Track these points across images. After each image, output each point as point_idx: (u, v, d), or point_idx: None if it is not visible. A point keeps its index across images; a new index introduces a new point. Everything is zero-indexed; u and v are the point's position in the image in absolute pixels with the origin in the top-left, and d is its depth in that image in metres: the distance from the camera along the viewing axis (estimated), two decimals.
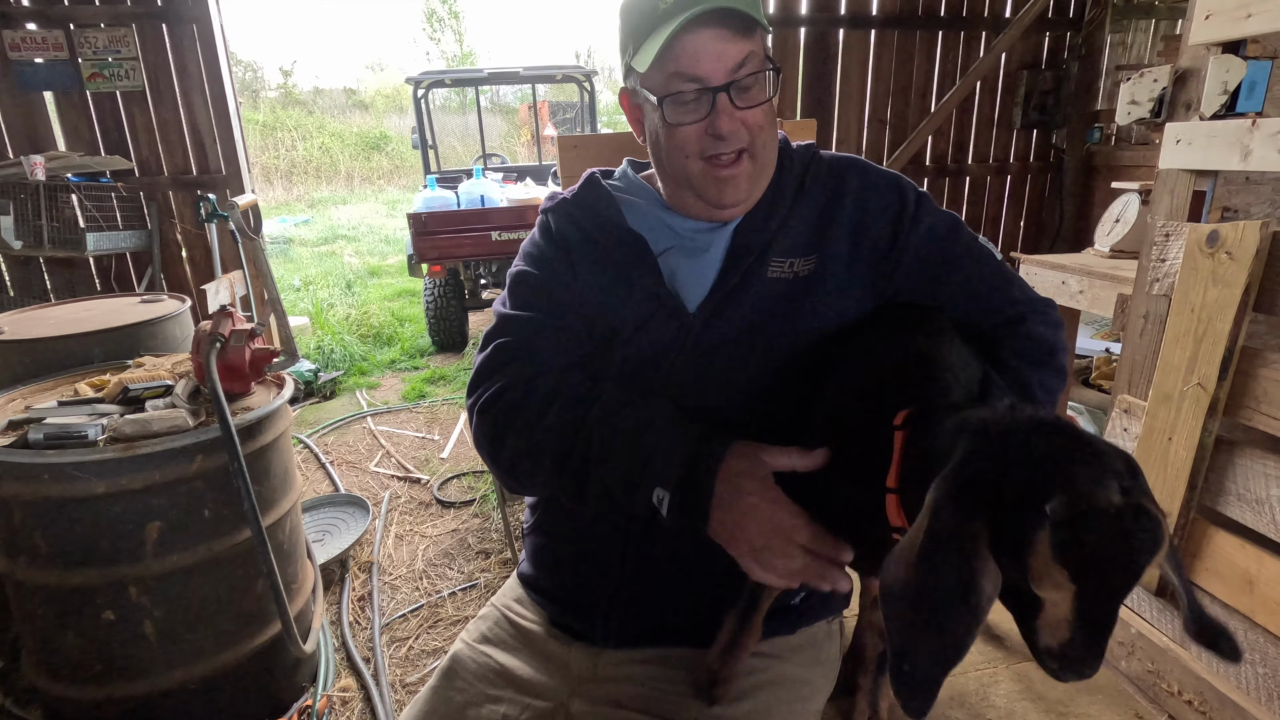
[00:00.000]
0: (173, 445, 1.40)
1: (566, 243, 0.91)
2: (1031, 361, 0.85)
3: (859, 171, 0.89)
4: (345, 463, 3.20)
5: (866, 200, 0.86)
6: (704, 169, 0.82)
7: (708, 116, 0.79)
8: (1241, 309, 1.27)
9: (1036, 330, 0.87)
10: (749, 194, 0.85)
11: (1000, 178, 4.93)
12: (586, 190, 0.94)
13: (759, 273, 0.84)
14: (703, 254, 0.87)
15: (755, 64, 0.79)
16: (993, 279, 0.87)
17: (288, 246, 9.18)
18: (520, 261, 0.94)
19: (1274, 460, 1.28)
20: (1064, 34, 4.64)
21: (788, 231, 0.85)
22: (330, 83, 26.41)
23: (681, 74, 0.78)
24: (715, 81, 0.77)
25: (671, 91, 0.79)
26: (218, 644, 1.56)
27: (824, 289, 0.83)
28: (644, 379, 0.84)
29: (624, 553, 0.85)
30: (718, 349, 0.83)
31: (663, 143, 0.83)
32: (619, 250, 0.88)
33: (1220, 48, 1.36)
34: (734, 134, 0.79)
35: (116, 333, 1.97)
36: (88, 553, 1.40)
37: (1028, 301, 0.89)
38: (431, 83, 5.43)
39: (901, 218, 0.85)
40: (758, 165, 0.83)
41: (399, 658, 1.96)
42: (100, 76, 3.72)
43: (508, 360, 0.84)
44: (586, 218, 0.91)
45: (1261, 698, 1.30)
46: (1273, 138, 1.25)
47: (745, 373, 0.83)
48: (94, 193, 3.69)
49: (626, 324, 0.85)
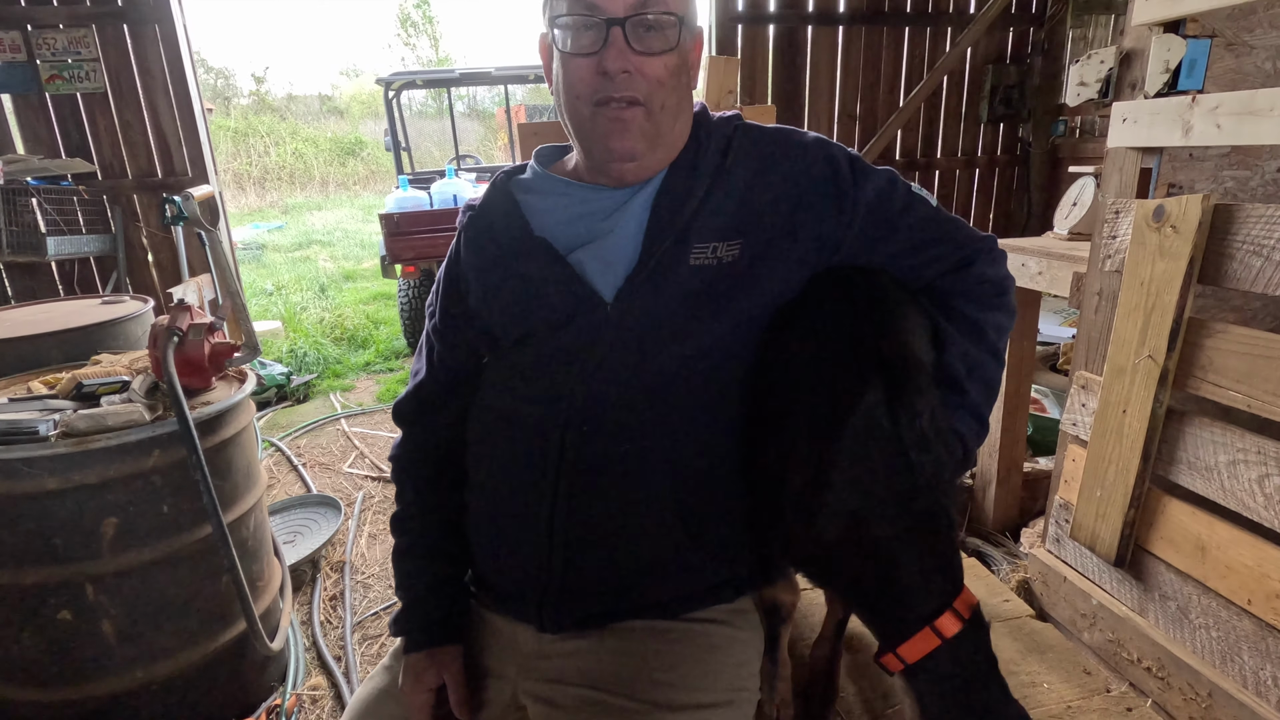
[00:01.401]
0: (128, 439, 1.37)
1: (473, 256, 0.91)
2: (983, 305, 0.86)
3: (785, 144, 0.84)
4: (318, 464, 3.16)
5: (798, 176, 0.82)
6: (594, 115, 0.78)
7: (600, 51, 0.75)
8: (1187, 281, 1.30)
9: (986, 271, 0.87)
10: (640, 152, 0.79)
11: (969, 170, 5.00)
12: (491, 199, 0.92)
13: (681, 258, 0.80)
14: (613, 233, 0.83)
15: (662, 9, 0.75)
16: (936, 228, 0.86)
17: (261, 252, 9.07)
18: (442, 266, 0.97)
19: (1220, 428, 1.31)
20: (1027, 29, 4.73)
21: (709, 212, 0.81)
22: (304, 89, 26.18)
23: (581, 0, 0.74)
24: (612, 12, 0.74)
25: (568, 14, 0.75)
26: (180, 642, 1.53)
27: (751, 276, 0.80)
28: (567, 373, 0.82)
29: (552, 540, 0.83)
30: (640, 339, 0.80)
31: (560, 83, 0.80)
32: (526, 259, 0.86)
33: (1161, 27, 1.39)
34: (624, 78, 0.75)
35: (75, 333, 1.94)
36: (41, 551, 1.37)
37: (972, 241, 0.88)
38: (403, 84, 5.40)
39: (841, 188, 0.82)
40: (654, 125, 0.78)
41: (371, 655, 1.94)
42: (60, 78, 3.65)
43: (413, 376, 0.99)
44: (488, 232, 0.90)
45: (1215, 660, 1.33)
46: (1211, 113, 1.28)
47: (671, 363, 0.80)
48: (55, 196, 3.61)
49: (542, 325, 0.84)
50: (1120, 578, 1.53)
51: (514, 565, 0.87)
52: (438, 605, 0.91)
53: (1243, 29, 1.48)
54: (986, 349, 0.86)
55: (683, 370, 0.81)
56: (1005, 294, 0.88)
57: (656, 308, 0.80)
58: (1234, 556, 1.29)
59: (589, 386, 0.81)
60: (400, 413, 0.99)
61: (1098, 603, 1.56)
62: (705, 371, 0.82)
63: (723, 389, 0.83)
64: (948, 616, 0.64)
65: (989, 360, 0.86)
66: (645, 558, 0.83)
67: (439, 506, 0.95)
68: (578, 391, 0.81)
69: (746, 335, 0.82)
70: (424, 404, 0.97)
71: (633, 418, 0.81)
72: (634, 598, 0.85)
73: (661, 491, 0.82)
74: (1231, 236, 1.25)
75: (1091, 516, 1.55)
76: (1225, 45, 1.49)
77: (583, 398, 0.81)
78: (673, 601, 0.85)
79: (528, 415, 0.84)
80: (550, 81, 0.84)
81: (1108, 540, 1.51)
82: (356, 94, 20.63)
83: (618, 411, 0.81)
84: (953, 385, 0.83)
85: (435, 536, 0.94)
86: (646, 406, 0.81)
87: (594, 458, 0.81)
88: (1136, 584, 1.49)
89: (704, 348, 0.81)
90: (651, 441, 0.81)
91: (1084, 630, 1.60)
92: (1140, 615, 1.49)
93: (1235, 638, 1.29)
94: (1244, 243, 1.23)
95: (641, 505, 0.82)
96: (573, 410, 0.81)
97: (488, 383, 0.92)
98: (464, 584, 0.96)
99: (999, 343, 0.88)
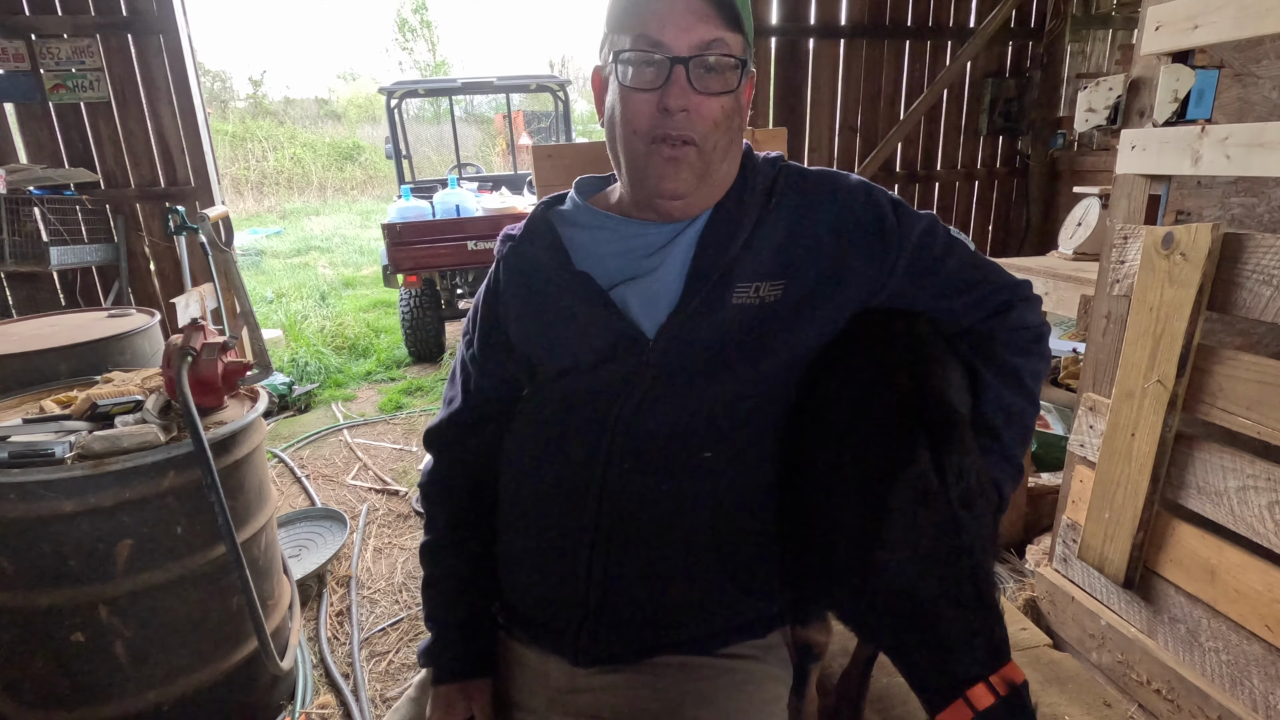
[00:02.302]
0: (143, 461, 1.37)
1: (514, 287, 0.92)
2: (1021, 351, 0.87)
3: (830, 187, 0.85)
4: (321, 476, 3.15)
5: (842, 218, 0.83)
6: (649, 152, 0.79)
7: (662, 88, 0.76)
8: (1196, 308, 1.32)
9: (1024, 317, 0.88)
10: (691, 190, 0.81)
11: (969, 183, 5.03)
12: (531, 230, 0.93)
13: (723, 298, 0.81)
14: (656, 271, 0.84)
15: (724, 51, 0.76)
16: (975, 272, 0.87)
17: (259, 259, 9.05)
18: (479, 293, 0.97)
19: (1230, 454, 1.32)
20: (1026, 44, 4.77)
21: (754, 252, 0.82)
22: (301, 92, 26.14)
23: (646, 36, 0.76)
24: (677, 51, 0.75)
25: (631, 49, 0.76)
26: (192, 663, 1.53)
27: (794, 317, 0.81)
28: (608, 409, 0.82)
29: (590, 574, 0.83)
30: (677, 376, 0.81)
31: (616, 116, 0.80)
32: (568, 294, 0.87)
33: (1170, 57, 1.41)
34: (682, 116, 0.76)
35: (83, 348, 1.93)
36: (56, 573, 1.37)
37: (1010, 287, 0.89)
38: (405, 92, 5.41)
39: (884, 231, 0.83)
40: (705, 164, 0.80)
41: (379, 672, 1.94)
42: (63, 88, 3.65)
43: (447, 403, 0.99)
44: (530, 265, 0.91)
45: (1225, 684, 1.35)
46: (1221, 144, 1.30)
47: (707, 401, 0.81)
48: (57, 206, 3.61)
49: (584, 360, 0.84)
50: (1129, 599, 1.54)
51: (549, 598, 0.87)
52: (469, 638, 0.91)
53: (1250, 60, 1.50)
54: (1024, 395, 0.86)
55: (724, 409, 0.82)
56: (1041, 340, 0.89)
57: (698, 346, 0.81)
58: (1244, 581, 1.30)
59: (630, 423, 0.81)
60: (433, 439, 0.98)
61: (1106, 624, 1.57)
62: (746, 411, 0.82)
63: (762, 428, 0.83)
64: (981, 688, 0.63)
65: (1026, 406, 0.87)
66: (682, 594, 0.83)
67: (471, 538, 0.95)
68: (619, 428, 0.81)
69: (787, 375, 0.83)
70: (459, 431, 0.96)
71: (673, 455, 0.81)
72: (670, 633, 0.85)
73: (700, 529, 0.82)
74: (1241, 265, 1.26)
75: (1100, 538, 1.56)
76: (1233, 75, 1.51)
77: (623, 434, 0.81)
78: (707, 637, 0.86)
79: (568, 450, 0.84)
80: (601, 114, 0.85)
81: (1116, 562, 1.52)
82: (354, 98, 20.62)
83: (658, 449, 0.81)
84: (989, 431, 0.83)
85: (467, 569, 0.94)
86: (686, 445, 0.81)
87: (634, 494, 0.81)
88: (1146, 606, 1.50)
89: (745, 387, 0.82)
90: (692, 479, 0.82)
91: (1092, 651, 1.61)
92: (1149, 637, 1.50)
93: (1245, 661, 1.30)
94: (1254, 271, 1.24)
95: (680, 542, 0.82)
96: (613, 447, 0.81)
97: (526, 415, 0.92)
98: (493, 615, 0.96)
99: (1035, 388, 0.88)
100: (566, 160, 1.93)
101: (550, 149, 2.03)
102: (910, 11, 4.55)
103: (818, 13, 4.41)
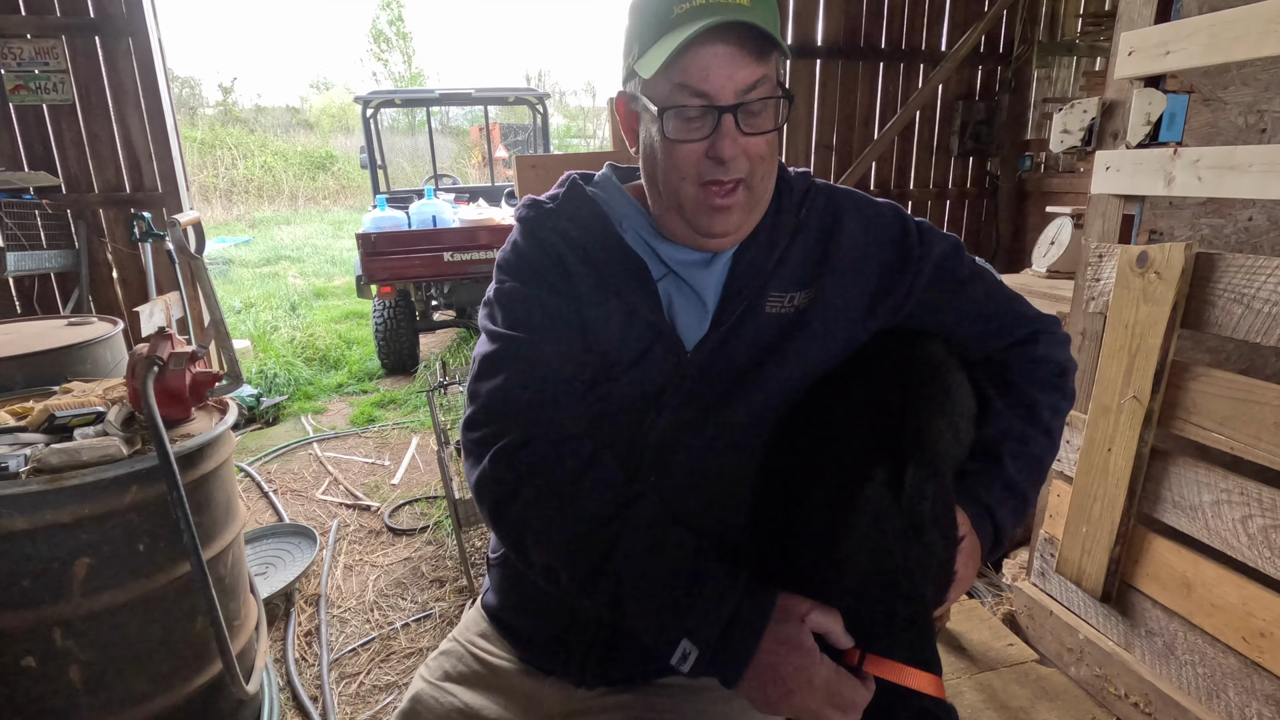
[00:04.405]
0: (104, 476, 1.31)
1: (559, 255, 0.83)
2: (1041, 385, 0.85)
3: (856, 203, 0.86)
4: (290, 491, 3.07)
5: (868, 232, 0.84)
6: (698, 195, 0.76)
7: (709, 137, 0.74)
8: (1171, 325, 1.35)
9: (1049, 352, 0.86)
10: (739, 226, 0.80)
11: (940, 202, 5.14)
12: (572, 199, 0.86)
13: (757, 308, 0.81)
14: (695, 289, 0.83)
15: (767, 89, 0.74)
16: (1000, 299, 0.86)
17: (228, 267, 8.86)
18: (506, 276, 0.84)
19: (1204, 468, 1.35)
20: (995, 68, 4.91)
21: (787, 265, 0.82)
22: (273, 100, 25.82)
23: (688, 87, 0.72)
24: (723, 101, 0.72)
25: (675, 104, 0.73)
26: (152, 688, 1.46)
27: (821, 326, 0.81)
28: (636, 413, 0.80)
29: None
30: (711, 386, 0.80)
31: (659, 158, 0.77)
32: (618, 272, 0.82)
33: (1143, 82, 1.45)
34: (735, 161, 0.74)
35: (41, 357, 1.85)
36: (6, 594, 1.30)
37: (1038, 319, 0.87)
38: (381, 102, 5.36)
39: (908, 249, 0.83)
40: (753, 198, 0.79)
41: (349, 694, 1.88)
42: (25, 89, 3.54)
43: (523, 399, 0.76)
44: (575, 229, 0.83)
45: (1201, 696, 1.36)
46: (1193, 166, 1.34)
47: (738, 410, 0.80)
48: (15, 210, 3.48)
49: (625, 356, 0.80)
50: (1106, 613, 1.56)
51: (561, 617, 0.85)
52: (733, 567, 0.71)
53: (1218, 86, 1.55)
54: (1038, 428, 0.84)
55: (754, 420, 0.81)
56: (1065, 375, 0.88)
57: (733, 358, 0.80)
58: (1219, 594, 1.32)
59: (658, 449, 0.79)
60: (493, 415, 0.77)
61: (1084, 637, 1.59)
62: (769, 423, 0.82)
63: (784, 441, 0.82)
64: (921, 676, 0.64)
65: (1041, 440, 0.84)
66: None
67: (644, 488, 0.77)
68: (647, 455, 0.80)
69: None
70: (531, 402, 0.77)
71: (703, 466, 0.80)
72: None
73: (732, 542, 0.81)
74: (1213, 284, 1.30)
75: (1077, 552, 1.58)
76: (1202, 100, 1.56)
77: (652, 459, 0.80)
78: None
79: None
80: (633, 142, 0.83)
81: (1094, 576, 1.54)
82: (326, 107, 20.40)
83: (688, 460, 0.80)
84: (989, 455, 0.82)
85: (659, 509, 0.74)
86: (715, 456, 0.80)
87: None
88: (1123, 620, 1.52)
89: (774, 397, 0.81)
90: (717, 506, 0.80)
91: (1071, 664, 1.62)
92: (1127, 650, 1.51)
93: (1221, 674, 1.32)
94: (1225, 290, 1.28)
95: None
96: (641, 469, 0.80)
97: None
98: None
99: (1052, 424, 0.85)
100: (550, 170, 1.92)
101: (534, 159, 2.02)
102: (885, 34, 4.65)
103: (795, 34, 4.49)
